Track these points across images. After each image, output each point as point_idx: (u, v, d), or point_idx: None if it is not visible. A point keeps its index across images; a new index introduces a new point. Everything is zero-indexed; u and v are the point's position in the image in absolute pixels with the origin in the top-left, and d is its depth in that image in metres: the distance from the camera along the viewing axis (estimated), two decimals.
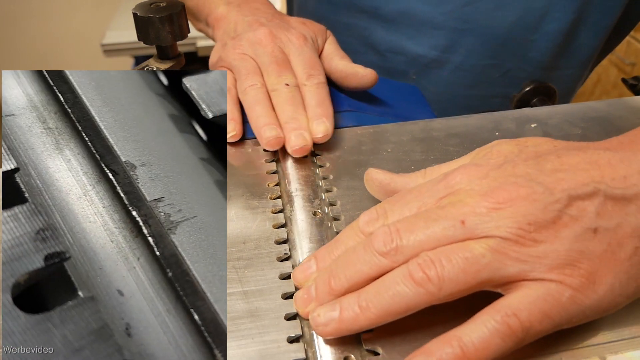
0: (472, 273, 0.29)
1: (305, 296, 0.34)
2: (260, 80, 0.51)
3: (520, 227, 0.29)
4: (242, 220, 0.42)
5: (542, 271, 0.29)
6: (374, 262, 0.32)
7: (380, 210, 0.35)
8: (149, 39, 0.47)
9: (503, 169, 0.33)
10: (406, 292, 0.30)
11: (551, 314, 0.29)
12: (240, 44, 0.53)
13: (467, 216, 0.31)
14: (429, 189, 0.34)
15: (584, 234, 0.30)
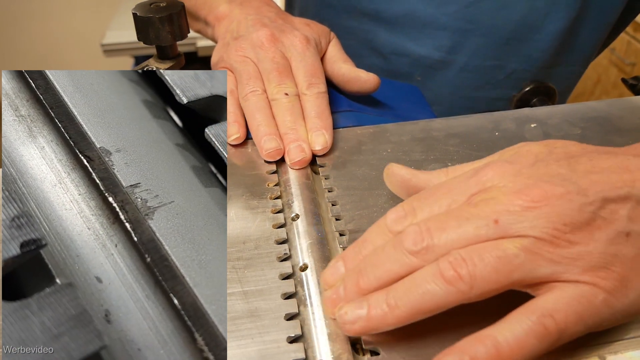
0: (505, 273, 0.29)
1: (334, 296, 0.33)
2: (261, 86, 0.51)
3: (555, 227, 0.29)
4: (242, 220, 0.42)
5: (576, 273, 0.29)
6: (404, 262, 0.31)
7: (408, 208, 0.34)
8: (148, 39, 0.47)
9: (536, 168, 0.32)
10: (436, 290, 0.29)
11: (585, 317, 0.29)
12: (242, 45, 0.53)
13: (500, 215, 0.30)
14: (458, 185, 0.33)
15: (617, 237, 0.29)
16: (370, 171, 0.46)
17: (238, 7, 0.58)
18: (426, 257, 0.31)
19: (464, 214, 0.31)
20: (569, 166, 0.32)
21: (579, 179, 0.31)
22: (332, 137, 0.48)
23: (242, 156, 0.49)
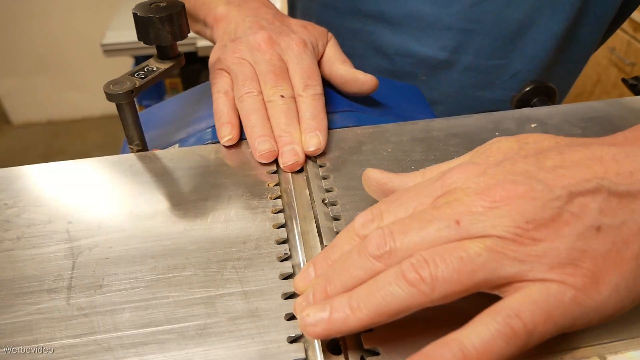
0: (467, 273, 0.28)
1: (303, 303, 0.33)
2: (257, 88, 0.51)
3: (517, 225, 0.28)
4: (242, 220, 0.42)
5: (542, 271, 0.28)
6: (368, 266, 0.31)
7: (375, 212, 0.34)
8: (149, 39, 0.47)
9: (502, 167, 0.31)
10: (399, 292, 0.29)
11: (554, 316, 0.28)
12: (239, 47, 0.53)
13: (462, 215, 0.30)
14: (425, 188, 0.33)
15: (586, 232, 0.28)
16: None
17: (236, 8, 0.58)
18: (389, 261, 0.30)
19: (427, 216, 0.31)
20: (536, 163, 0.31)
21: (546, 175, 0.30)
22: (326, 139, 0.48)
23: (242, 156, 0.49)
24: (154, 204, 0.43)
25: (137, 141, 0.49)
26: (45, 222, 0.42)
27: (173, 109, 0.61)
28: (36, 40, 2.70)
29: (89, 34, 2.60)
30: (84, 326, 0.34)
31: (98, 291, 0.36)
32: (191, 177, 0.46)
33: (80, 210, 0.43)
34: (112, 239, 0.40)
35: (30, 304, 0.36)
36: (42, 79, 2.85)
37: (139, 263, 0.38)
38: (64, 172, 0.47)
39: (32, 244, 0.40)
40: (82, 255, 0.39)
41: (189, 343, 0.33)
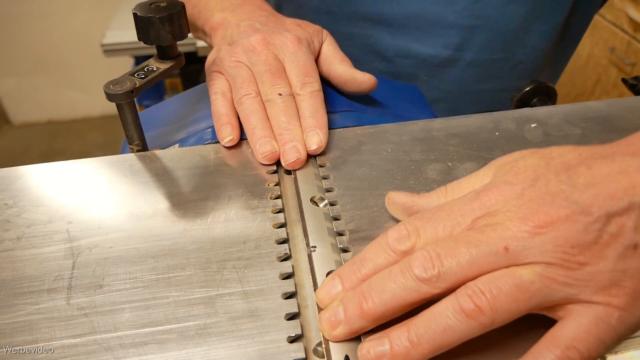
0: (524, 300, 0.29)
1: (332, 318, 0.32)
2: (255, 89, 0.51)
3: (564, 251, 0.29)
4: (242, 220, 0.42)
5: (589, 294, 0.29)
6: (413, 288, 0.30)
7: (410, 228, 0.33)
8: (149, 39, 0.47)
9: (537, 188, 0.32)
10: (458, 325, 0.29)
11: (604, 339, 0.29)
12: (235, 51, 0.53)
13: (509, 241, 0.30)
14: (461, 207, 0.33)
15: (626, 252, 0.29)
16: (370, 171, 0.46)
17: (231, 13, 0.59)
18: (437, 285, 0.30)
19: (472, 239, 0.31)
20: (569, 180, 0.31)
21: (581, 195, 0.30)
22: (326, 136, 0.48)
23: (242, 157, 0.49)
24: (154, 204, 0.43)
25: (137, 141, 0.49)
26: (45, 222, 0.42)
27: (173, 109, 0.61)
28: (36, 40, 2.70)
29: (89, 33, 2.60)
30: (84, 326, 0.34)
31: (98, 291, 0.36)
32: (191, 177, 0.46)
33: (80, 210, 0.43)
34: (112, 239, 0.40)
35: (30, 304, 0.36)
36: (42, 79, 2.85)
37: (139, 263, 0.38)
38: (64, 172, 0.47)
39: (32, 244, 0.40)
40: (82, 255, 0.39)
41: (189, 343, 0.33)
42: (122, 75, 0.48)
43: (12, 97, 2.90)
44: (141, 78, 0.48)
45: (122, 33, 1.89)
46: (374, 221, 0.41)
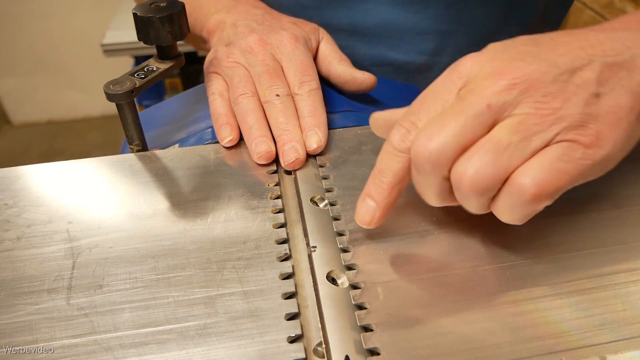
0: (502, 164, 0.32)
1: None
2: (252, 89, 0.51)
3: (537, 100, 0.33)
4: (242, 220, 0.42)
5: (562, 134, 0.33)
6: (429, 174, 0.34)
7: (407, 124, 0.36)
8: (149, 39, 0.47)
9: (507, 51, 0.35)
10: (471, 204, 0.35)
11: (568, 170, 0.33)
12: (232, 52, 0.53)
13: (490, 99, 0.33)
14: (443, 84, 0.36)
15: (590, 99, 0.33)
16: (371, 171, 0.46)
17: (226, 14, 0.58)
18: (438, 162, 0.33)
19: (457, 110, 0.34)
20: (536, 45, 0.35)
21: (547, 54, 0.34)
22: (326, 135, 0.48)
23: (242, 156, 0.49)
24: (154, 204, 0.43)
25: (137, 141, 0.49)
26: (45, 222, 0.42)
27: (173, 109, 0.61)
28: (36, 40, 2.70)
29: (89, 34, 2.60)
30: (84, 326, 0.34)
31: (98, 291, 0.36)
32: (191, 177, 0.46)
33: (80, 210, 0.43)
34: (112, 239, 0.40)
35: (30, 304, 0.36)
36: (42, 79, 2.85)
37: (139, 263, 0.38)
38: (64, 172, 0.47)
39: (32, 244, 0.40)
40: (82, 255, 0.39)
41: (189, 343, 0.33)
42: (122, 75, 0.48)
43: (12, 97, 2.90)
44: (141, 78, 0.48)
45: (122, 33, 1.89)
46: None
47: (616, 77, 0.34)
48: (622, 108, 0.34)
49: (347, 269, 0.37)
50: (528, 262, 0.37)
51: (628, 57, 0.35)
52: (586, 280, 0.36)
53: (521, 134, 0.32)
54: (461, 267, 0.37)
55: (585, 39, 0.36)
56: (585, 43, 0.35)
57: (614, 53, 0.35)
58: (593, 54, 0.34)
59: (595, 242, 0.39)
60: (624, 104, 0.34)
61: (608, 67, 0.34)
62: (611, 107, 0.34)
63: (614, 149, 0.34)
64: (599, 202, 0.42)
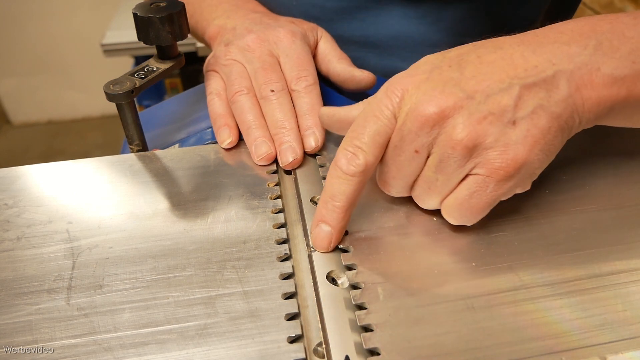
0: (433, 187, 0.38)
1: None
2: (247, 85, 0.51)
3: (453, 137, 0.35)
4: (242, 220, 0.42)
5: (477, 167, 0.35)
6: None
7: (352, 148, 0.37)
8: (149, 39, 0.47)
9: (431, 79, 0.37)
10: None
11: (480, 205, 0.37)
12: (230, 50, 0.53)
13: (414, 144, 0.36)
14: (379, 106, 0.38)
15: (506, 128, 0.34)
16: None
17: (226, 20, 0.59)
18: (400, 193, 0.41)
19: (396, 158, 0.38)
20: (460, 68, 0.37)
21: (468, 82, 0.36)
22: (323, 133, 0.48)
23: (243, 156, 0.49)
24: (154, 204, 0.43)
25: (137, 141, 0.49)
26: (46, 222, 0.42)
27: (173, 109, 0.61)
28: (36, 40, 2.70)
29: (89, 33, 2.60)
30: (84, 326, 0.34)
31: (98, 291, 0.36)
32: (191, 177, 0.46)
33: (80, 211, 0.43)
34: (112, 239, 0.40)
35: (30, 304, 0.36)
36: (42, 79, 2.84)
37: (139, 263, 0.38)
38: (64, 172, 0.47)
39: (32, 244, 0.40)
40: (82, 256, 0.39)
41: (189, 343, 0.33)
42: (122, 76, 0.48)
43: (12, 97, 2.90)
44: (141, 78, 0.48)
45: (122, 33, 1.89)
46: (375, 221, 0.41)
47: (535, 98, 0.35)
48: (540, 130, 0.35)
49: (347, 269, 0.37)
50: (528, 262, 0.37)
51: (550, 74, 0.36)
52: (586, 280, 0.36)
53: (442, 173, 0.36)
54: (461, 267, 0.37)
55: (511, 57, 0.36)
56: (509, 63, 0.36)
57: (536, 72, 0.36)
58: (514, 75, 0.35)
59: (595, 242, 0.39)
60: (542, 126, 0.35)
61: (527, 89, 0.35)
62: (529, 132, 0.35)
63: (530, 170, 0.36)
64: (599, 202, 0.42)
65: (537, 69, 0.36)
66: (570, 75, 0.36)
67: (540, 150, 0.35)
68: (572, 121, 0.36)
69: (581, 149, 0.47)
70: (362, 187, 0.38)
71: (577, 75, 0.36)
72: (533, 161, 0.35)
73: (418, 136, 0.36)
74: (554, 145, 0.36)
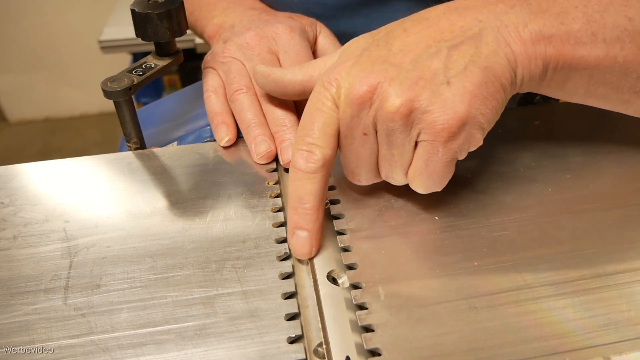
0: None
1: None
2: (247, 83, 0.51)
3: (390, 111, 0.35)
4: (241, 219, 0.42)
5: (422, 134, 0.36)
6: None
7: (305, 146, 0.38)
8: (147, 36, 0.47)
9: (361, 62, 0.37)
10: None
11: (437, 169, 0.37)
12: (229, 47, 0.53)
13: (361, 128, 0.37)
14: (319, 98, 0.38)
15: (440, 89, 0.35)
16: None
17: (225, 18, 0.59)
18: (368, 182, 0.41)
19: (351, 146, 0.39)
20: (387, 45, 0.37)
21: (396, 56, 0.36)
22: None
23: (242, 154, 0.49)
24: (152, 202, 0.43)
25: (135, 139, 0.49)
26: (42, 221, 0.42)
27: (171, 107, 0.61)
28: (33, 37, 2.70)
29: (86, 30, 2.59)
30: (81, 326, 0.34)
31: (95, 291, 0.36)
32: (190, 175, 0.46)
33: (78, 209, 0.43)
34: (110, 238, 0.40)
35: (27, 304, 0.36)
36: (39, 76, 2.84)
37: (137, 262, 0.38)
38: (61, 170, 0.47)
39: (28, 243, 0.40)
40: (80, 255, 0.39)
41: (187, 344, 0.33)
42: (119, 72, 0.48)
43: (9, 94, 2.89)
44: (139, 75, 0.48)
45: (119, 29, 1.89)
46: (376, 220, 0.41)
47: (466, 56, 0.35)
48: (477, 85, 0.35)
49: (348, 269, 0.37)
50: (531, 261, 0.37)
51: (477, 32, 0.36)
52: (590, 279, 0.36)
53: (394, 147, 0.37)
54: (464, 266, 0.37)
55: (437, 24, 0.37)
56: (436, 29, 0.37)
57: (462, 31, 0.36)
58: (441, 39, 0.36)
59: (599, 241, 0.39)
60: (477, 81, 0.35)
61: (456, 49, 0.36)
62: (465, 88, 0.35)
63: (474, 126, 0.36)
64: (604, 201, 0.42)
65: (464, 29, 0.36)
66: (497, 31, 0.36)
67: (482, 104, 0.35)
68: (509, 76, 0.36)
69: (585, 147, 0.47)
70: (326, 182, 0.38)
71: (504, 31, 0.36)
72: (475, 115, 0.35)
73: (360, 118, 0.37)
74: (496, 100, 0.36)
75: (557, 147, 0.48)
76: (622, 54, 0.37)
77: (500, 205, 0.40)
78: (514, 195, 0.43)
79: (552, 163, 0.46)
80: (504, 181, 0.44)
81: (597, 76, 0.38)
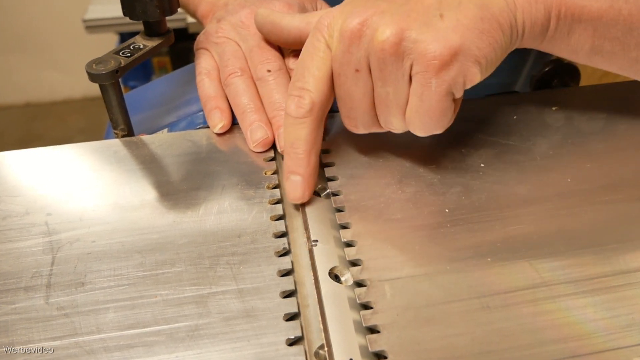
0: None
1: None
2: (242, 66, 0.50)
3: (381, 46, 0.37)
4: (237, 211, 0.41)
5: (414, 65, 0.37)
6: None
7: (297, 91, 0.40)
8: (135, 14, 0.47)
9: (353, 2, 0.39)
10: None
11: (432, 105, 0.38)
12: (222, 27, 0.53)
13: (353, 65, 0.39)
14: (312, 44, 0.40)
15: (432, 20, 0.36)
16: (377, 158, 0.45)
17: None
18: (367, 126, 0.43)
19: (344, 85, 0.40)
20: None
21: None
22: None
23: (237, 142, 0.49)
24: (141, 194, 0.43)
25: (123, 125, 0.49)
26: (22, 214, 0.42)
27: (161, 91, 0.61)
28: (12, 17, 2.69)
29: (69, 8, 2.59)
30: (65, 327, 0.34)
31: (80, 289, 0.36)
32: (181, 165, 0.46)
33: (61, 201, 0.43)
34: (95, 232, 0.40)
35: (6, 303, 0.36)
36: (19, 58, 2.84)
37: (125, 258, 0.38)
38: (43, 159, 0.47)
39: (7, 237, 0.40)
40: (63, 250, 0.39)
41: (179, 346, 0.33)
42: (105, 54, 0.48)
43: None
44: (127, 57, 0.47)
45: (105, 8, 1.89)
46: (381, 213, 0.41)
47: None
48: (472, 19, 0.37)
49: (352, 265, 0.37)
50: (548, 257, 0.37)
51: None
52: (612, 277, 0.36)
53: (388, 83, 0.38)
54: (475, 263, 0.37)
55: None
56: None
57: None
58: None
59: (622, 235, 0.39)
60: (472, 15, 0.37)
61: None
62: (459, 21, 0.36)
63: (469, 57, 0.36)
64: (626, 191, 0.42)
65: None
66: None
67: (477, 38, 0.36)
68: (507, 17, 0.38)
69: (607, 134, 0.47)
70: (317, 127, 0.41)
71: None
72: (469, 47, 0.36)
73: (351, 54, 0.38)
74: (493, 38, 0.37)
75: (577, 134, 0.47)
76: (626, 7, 0.39)
77: (515, 197, 0.40)
78: (530, 186, 0.42)
79: (571, 151, 0.46)
80: (519, 171, 0.44)
81: (602, 29, 0.40)
